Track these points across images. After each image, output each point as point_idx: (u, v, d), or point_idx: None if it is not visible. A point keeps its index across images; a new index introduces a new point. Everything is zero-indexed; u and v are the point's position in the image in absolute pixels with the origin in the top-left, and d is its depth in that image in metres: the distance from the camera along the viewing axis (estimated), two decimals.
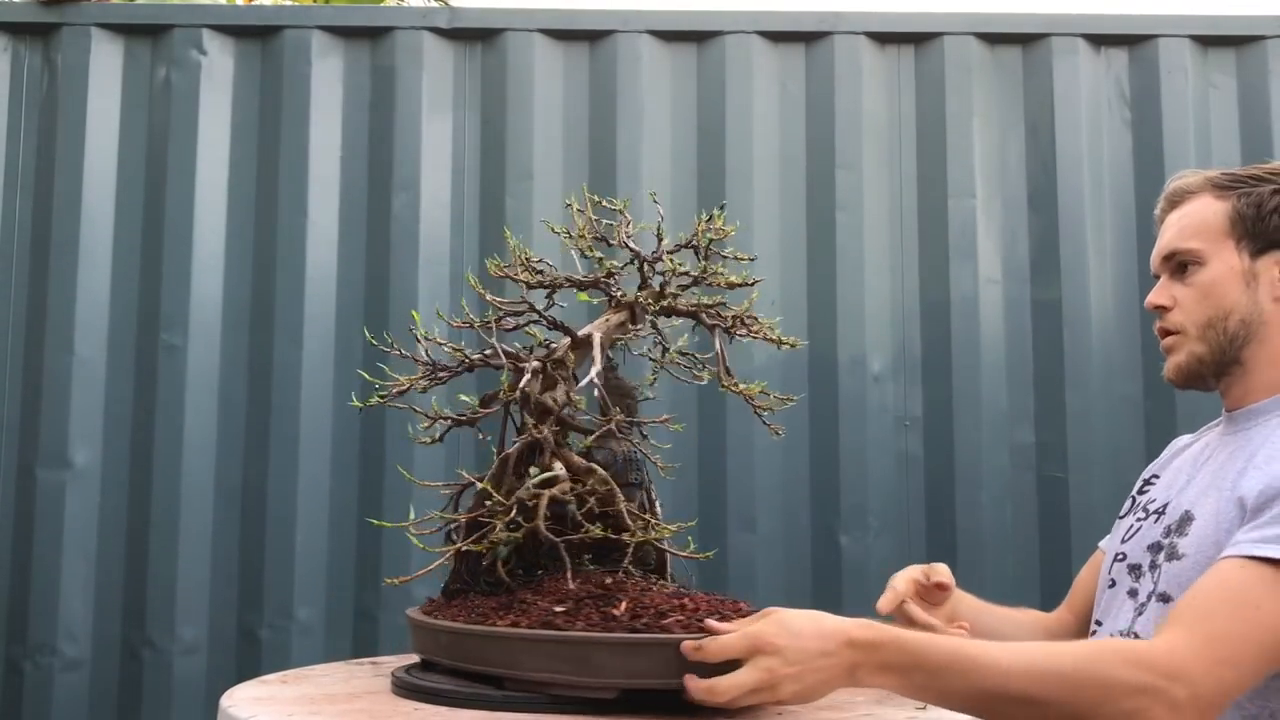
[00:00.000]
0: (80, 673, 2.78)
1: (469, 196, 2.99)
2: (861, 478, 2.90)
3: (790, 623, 1.21)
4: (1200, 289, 1.52)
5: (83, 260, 2.89)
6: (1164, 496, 1.58)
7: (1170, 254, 1.55)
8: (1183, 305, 1.54)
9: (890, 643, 1.22)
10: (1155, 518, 1.55)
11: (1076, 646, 1.28)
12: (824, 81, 3.04)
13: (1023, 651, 1.26)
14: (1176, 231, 1.56)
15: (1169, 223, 1.59)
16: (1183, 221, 1.56)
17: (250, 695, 1.40)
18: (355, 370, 2.91)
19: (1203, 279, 1.52)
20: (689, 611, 1.29)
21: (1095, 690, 1.21)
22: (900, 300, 2.98)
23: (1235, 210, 1.53)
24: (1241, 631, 1.25)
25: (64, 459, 2.83)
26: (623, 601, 1.31)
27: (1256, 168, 1.56)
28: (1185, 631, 1.25)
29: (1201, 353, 1.52)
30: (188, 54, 2.98)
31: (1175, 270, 1.55)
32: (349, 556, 2.84)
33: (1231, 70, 3.08)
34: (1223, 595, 1.28)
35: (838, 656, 1.20)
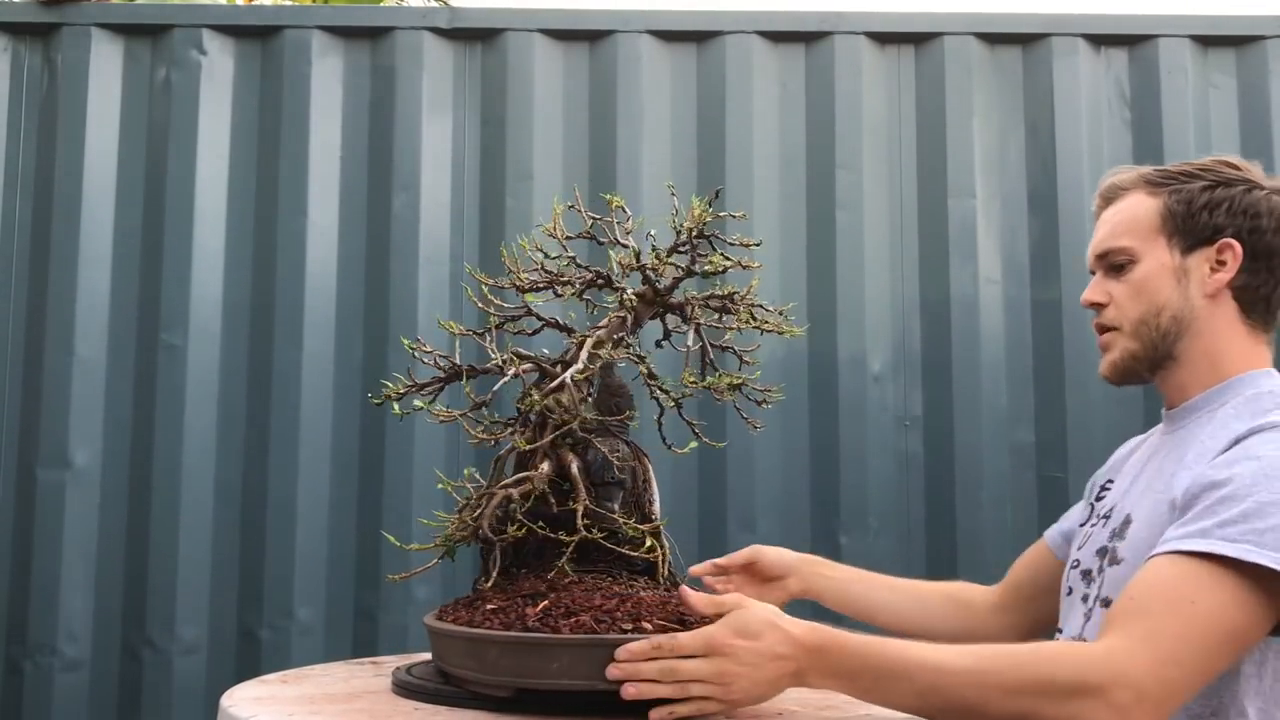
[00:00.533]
0: (80, 673, 2.78)
1: (469, 196, 2.99)
2: (861, 478, 2.90)
3: (745, 625, 1.22)
4: (1133, 286, 1.55)
5: (83, 260, 2.89)
6: (1114, 500, 1.60)
7: (1104, 252, 1.57)
8: (1117, 302, 1.56)
9: (837, 648, 1.24)
10: (1104, 522, 1.57)
11: (1018, 649, 1.29)
12: (824, 81, 3.04)
13: (966, 654, 1.26)
14: (1110, 229, 1.58)
15: (1103, 219, 1.61)
16: (1116, 219, 1.58)
17: (250, 695, 1.40)
18: (355, 369, 2.91)
19: (1136, 276, 1.55)
20: (605, 612, 1.29)
21: (1036, 689, 1.22)
22: (900, 300, 2.98)
23: (1166, 207, 1.55)
24: (1179, 628, 1.25)
25: (64, 459, 2.83)
26: (542, 601, 1.32)
27: (1189, 164, 1.58)
28: (1122, 632, 1.25)
29: (1135, 349, 1.55)
30: (188, 54, 2.98)
31: (1109, 268, 1.58)
32: (349, 556, 2.84)
33: (1231, 70, 3.08)
34: (1156, 593, 1.28)
35: (788, 660, 1.22)
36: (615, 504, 1.43)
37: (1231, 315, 1.53)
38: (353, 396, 2.89)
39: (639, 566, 1.41)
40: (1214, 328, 1.52)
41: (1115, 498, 1.60)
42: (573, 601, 1.31)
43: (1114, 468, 1.69)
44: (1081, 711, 1.20)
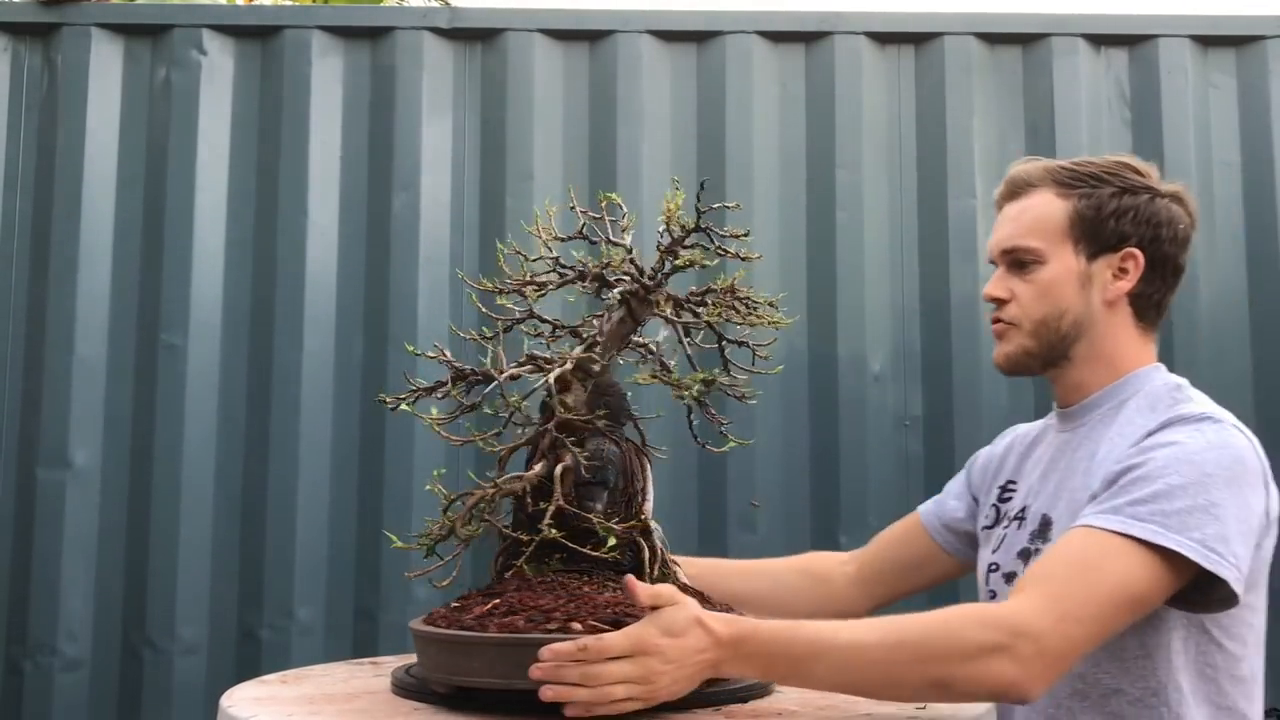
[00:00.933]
0: (80, 673, 2.78)
1: (469, 196, 2.99)
2: (861, 477, 2.90)
3: (671, 624, 1.23)
4: (1039, 288, 1.59)
5: (83, 260, 2.89)
6: (1022, 501, 1.64)
7: (1011, 249, 1.61)
8: (1020, 300, 1.60)
9: (751, 637, 1.27)
10: (1018, 524, 1.62)
11: (928, 615, 1.33)
12: (824, 81, 3.04)
13: (876, 625, 1.31)
14: (1017, 227, 1.61)
15: (1008, 213, 1.64)
16: (1023, 216, 1.61)
17: (250, 695, 1.40)
18: (355, 369, 2.91)
19: (1041, 278, 1.59)
20: (541, 611, 1.29)
21: (946, 653, 1.27)
22: (900, 300, 2.98)
23: (1076, 211, 1.58)
24: (1083, 591, 1.32)
25: (64, 459, 2.83)
26: (490, 602, 1.33)
27: (1098, 164, 1.61)
28: (1031, 592, 1.32)
29: (1031, 347, 1.60)
30: (188, 54, 2.98)
31: (1014, 264, 1.61)
32: (349, 556, 2.84)
33: (1231, 70, 3.08)
34: (1066, 559, 1.36)
35: (709, 653, 1.24)
36: (597, 504, 1.43)
37: (1126, 319, 1.59)
38: (353, 396, 2.89)
39: (625, 566, 1.41)
40: (1110, 332, 1.59)
41: (1024, 499, 1.64)
42: (519, 601, 1.32)
43: (1014, 467, 1.72)
44: (989, 667, 1.26)
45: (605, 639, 1.21)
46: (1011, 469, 1.73)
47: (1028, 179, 1.63)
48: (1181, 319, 2.93)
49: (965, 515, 1.79)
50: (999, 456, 1.78)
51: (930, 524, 1.82)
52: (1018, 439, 1.78)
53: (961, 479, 1.84)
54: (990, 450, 1.82)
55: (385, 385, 2.87)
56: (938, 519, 1.82)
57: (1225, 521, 1.36)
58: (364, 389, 2.89)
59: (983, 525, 1.73)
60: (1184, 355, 2.92)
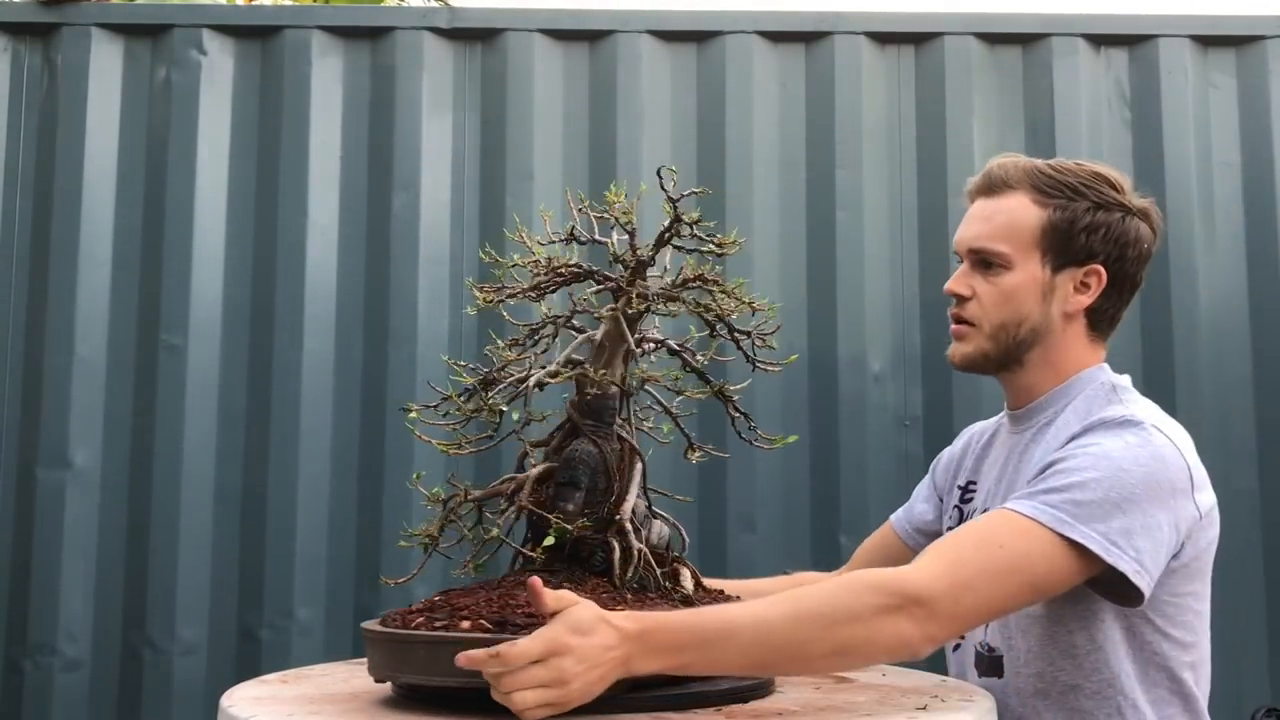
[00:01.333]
0: (80, 673, 2.78)
1: (469, 196, 2.99)
2: (861, 478, 2.90)
3: (579, 622, 1.22)
4: (1002, 292, 1.61)
5: (83, 260, 2.89)
6: (982, 504, 1.69)
7: (978, 249, 1.62)
8: (981, 300, 1.63)
9: (656, 628, 1.26)
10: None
11: (829, 585, 1.36)
12: (824, 81, 3.04)
13: (779, 601, 1.33)
14: (988, 228, 1.62)
15: (981, 210, 1.64)
16: (996, 219, 1.61)
17: (250, 695, 1.40)
18: (355, 369, 2.91)
19: (1006, 283, 1.61)
20: (451, 611, 1.32)
21: (847, 619, 1.30)
22: (900, 300, 2.98)
23: (1049, 222, 1.59)
24: (980, 561, 1.37)
25: (64, 459, 2.83)
26: (433, 599, 1.38)
27: (1077, 175, 1.61)
28: (930, 558, 1.38)
29: (988, 349, 1.65)
30: (188, 54, 2.98)
31: (979, 263, 1.63)
32: (349, 556, 2.84)
33: (1231, 70, 3.08)
34: (974, 534, 1.42)
35: (616, 649, 1.23)
36: (569, 504, 1.43)
37: (1080, 330, 1.64)
38: (353, 396, 2.89)
39: (598, 567, 1.41)
40: (1063, 341, 1.63)
41: (982, 501, 1.69)
42: (446, 600, 1.36)
43: (972, 468, 1.77)
44: (885, 625, 1.30)
45: (518, 644, 1.19)
46: (970, 469, 1.77)
47: (1006, 178, 1.64)
48: (1181, 319, 2.93)
49: (934, 517, 1.84)
50: (958, 456, 1.83)
51: (902, 529, 1.88)
52: (974, 437, 1.82)
53: (927, 481, 1.89)
54: (950, 450, 1.87)
55: (385, 385, 2.87)
56: (908, 524, 1.87)
57: (1132, 517, 1.40)
58: (364, 389, 2.89)
59: (947, 526, 1.76)
60: (1184, 355, 2.92)
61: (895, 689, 1.46)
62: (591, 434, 1.45)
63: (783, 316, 2.84)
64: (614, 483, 1.44)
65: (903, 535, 1.87)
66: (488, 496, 1.48)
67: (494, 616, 1.28)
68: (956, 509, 1.75)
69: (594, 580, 1.40)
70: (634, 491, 1.43)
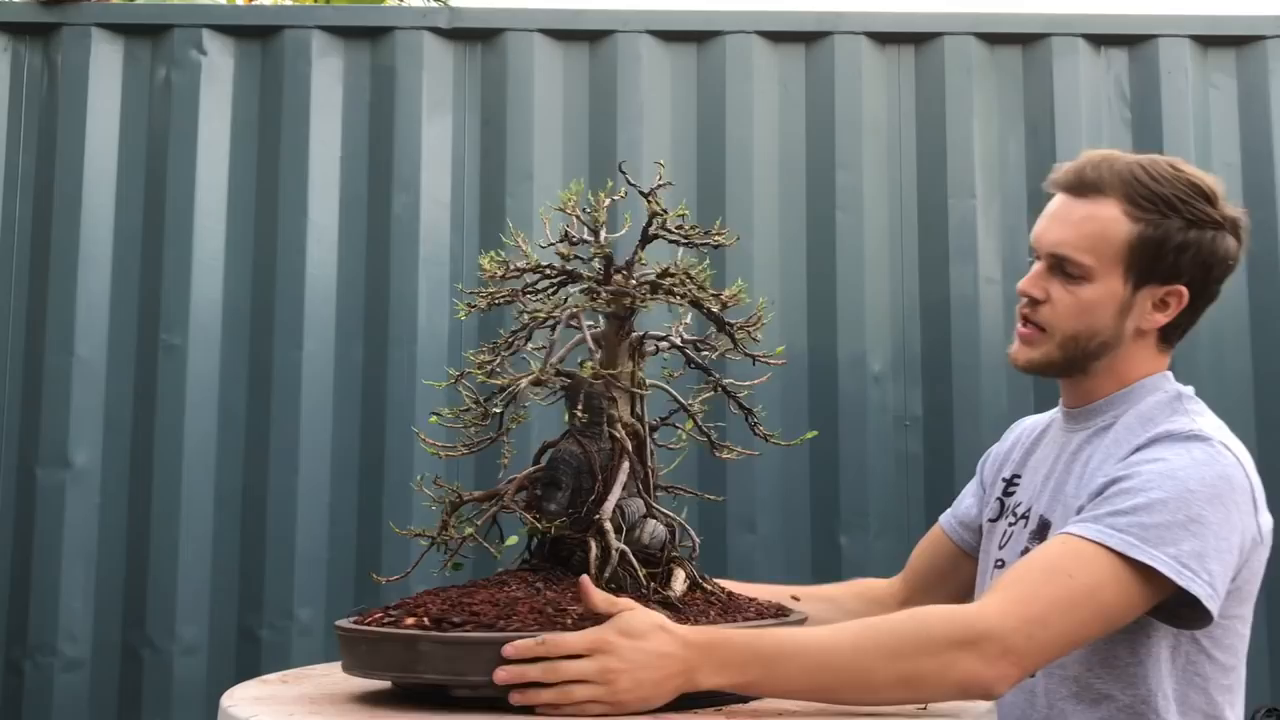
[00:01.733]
0: (80, 673, 2.78)
1: (469, 196, 2.99)
2: (861, 478, 2.90)
3: (630, 625, 1.23)
4: (1080, 304, 1.54)
5: (83, 260, 2.89)
6: (1027, 500, 1.64)
7: (1061, 256, 1.54)
8: (1056, 307, 1.55)
9: (725, 642, 1.26)
10: (1023, 523, 1.62)
11: (897, 614, 1.35)
12: (824, 81, 3.04)
13: (846, 627, 1.32)
14: (1074, 235, 1.53)
15: (1068, 213, 1.56)
16: (1083, 226, 1.53)
17: (250, 695, 1.40)
18: (355, 370, 2.91)
19: (1085, 295, 1.53)
20: (408, 610, 1.33)
21: (914, 649, 1.28)
22: (900, 300, 2.98)
23: (1139, 238, 1.51)
24: (1051, 594, 1.33)
25: (64, 459, 2.83)
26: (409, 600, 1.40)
27: (1173, 186, 1.54)
28: (1000, 593, 1.34)
29: (1056, 358, 1.58)
30: (188, 54, 2.98)
31: (1057, 268, 1.55)
32: (349, 556, 2.84)
33: (1231, 70, 3.08)
34: (1041, 564, 1.37)
35: (675, 659, 1.23)
36: (552, 504, 1.43)
37: (1150, 342, 1.58)
38: (353, 397, 2.89)
39: (578, 568, 1.42)
40: (1131, 353, 1.57)
41: (1026, 497, 1.64)
42: (416, 600, 1.38)
43: (1019, 461, 1.72)
44: (955, 662, 1.27)
45: (564, 637, 1.21)
46: (1016, 462, 1.72)
47: (1099, 182, 1.55)
48: None
49: (978, 512, 1.79)
50: (1006, 451, 1.78)
51: (948, 526, 1.82)
52: (1024, 432, 1.77)
53: (975, 480, 1.84)
54: (998, 446, 1.82)
55: (385, 385, 2.87)
56: (955, 519, 1.82)
57: (1204, 539, 1.36)
58: (364, 389, 2.89)
59: (987, 518, 1.72)
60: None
61: None
62: (579, 433, 1.45)
63: (783, 316, 2.86)
64: (597, 482, 1.44)
65: (949, 532, 1.82)
66: (486, 498, 1.48)
67: (436, 615, 1.30)
68: (998, 500, 1.71)
69: (570, 580, 1.40)
70: (617, 491, 1.41)
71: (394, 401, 2.85)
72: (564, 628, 1.25)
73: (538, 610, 1.29)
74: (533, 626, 1.25)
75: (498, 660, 1.21)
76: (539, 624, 1.25)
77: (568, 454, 1.44)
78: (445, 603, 1.34)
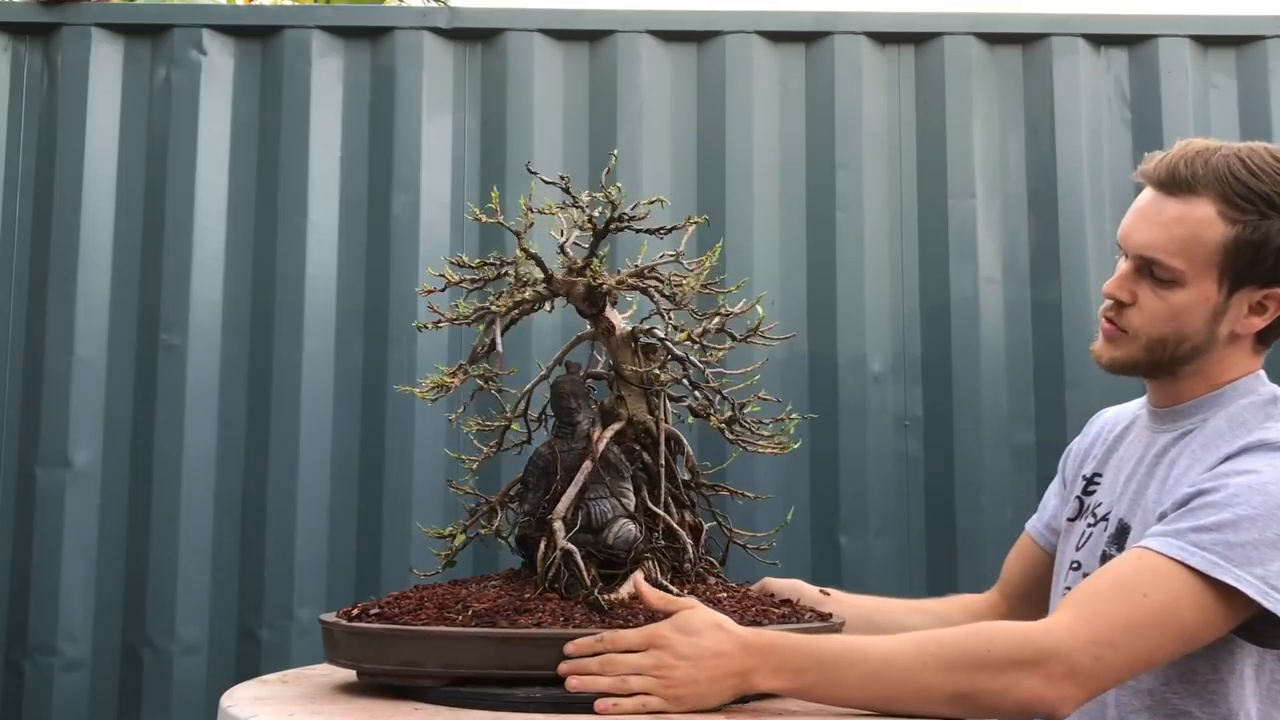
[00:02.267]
0: (80, 673, 2.78)
1: (469, 196, 2.99)
2: (861, 478, 2.90)
3: (687, 622, 1.24)
4: (1170, 309, 1.44)
5: (83, 260, 2.89)
6: (1107, 501, 1.57)
7: (1150, 260, 1.44)
8: (1143, 310, 1.46)
9: (784, 645, 1.25)
10: (1103, 525, 1.56)
11: (959, 629, 1.31)
12: (824, 81, 3.04)
13: (907, 638, 1.29)
14: (1164, 237, 1.43)
15: (1160, 213, 1.45)
16: (1175, 228, 1.42)
17: (250, 695, 1.40)
18: (355, 370, 2.91)
19: (1176, 300, 1.44)
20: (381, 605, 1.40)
21: (975, 663, 1.25)
22: (900, 301, 2.98)
23: (1236, 242, 1.40)
24: (1123, 614, 1.27)
25: (64, 459, 2.83)
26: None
27: (1275, 180, 1.41)
28: (1069, 612, 1.29)
29: (1140, 359, 1.49)
30: (188, 54, 2.98)
31: (1145, 269, 1.46)
32: (349, 556, 2.84)
33: (1231, 70, 3.08)
34: (1114, 581, 1.32)
35: (731, 658, 1.23)
36: (524, 505, 1.46)
37: (1245, 347, 1.49)
38: (353, 397, 2.89)
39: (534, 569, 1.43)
40: (1223, 356, 1.48)
41: (1107, 498, 1.57)
42: (394, 599, 1.42)
43: (1100, 458, 1.64)
44: (1017, 682, 1.24)
45: (621, 633, 1.24)
46: (1098, 460, 1.64)
47: (1193, 179, 1.42)
48: None
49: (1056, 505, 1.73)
50: (1087, 447, 1.70)
51: (1035, 531, 1.75)
52: (1105, 426, 1.69)
53: (1057, 479, 1.77)
54: (1079, 442, 1.74)
55: (385, 385, 2.87)
56: (1041, 523, 1.75)
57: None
58: (364, 389, 2.89)
59: (1066, 516, 1.65)
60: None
61: None
62: (554, 435, 1.47)
63: (782, 316, 2.85)
64: (560, 482, 1.44)
65: (1036, 537, 1.74)
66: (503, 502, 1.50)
67: (388, 610, 1.37)
68: (1078, 499, 1.63)
69: (528, 577, 1.42)
70: (572, 491, 1.40)
71: (394, 402, 2.85)
72: (452, 622, 1.30)
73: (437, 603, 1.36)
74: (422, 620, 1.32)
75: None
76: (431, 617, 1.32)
77: (537, 456, 1.46)
78: (411, 602, 1.40)
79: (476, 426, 1.55)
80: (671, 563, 1.45)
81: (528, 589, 1.38)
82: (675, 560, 1.46)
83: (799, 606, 1.48)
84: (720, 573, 1.54)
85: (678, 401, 1.54)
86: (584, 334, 1.53)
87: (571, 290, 1.46)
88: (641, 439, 1.48)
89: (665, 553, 1.45)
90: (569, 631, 1.27)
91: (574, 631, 1.27)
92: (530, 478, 1.46)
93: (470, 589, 1.41)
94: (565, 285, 1.46)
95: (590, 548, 1.39)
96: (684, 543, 1.46)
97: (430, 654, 1.29)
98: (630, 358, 1.47)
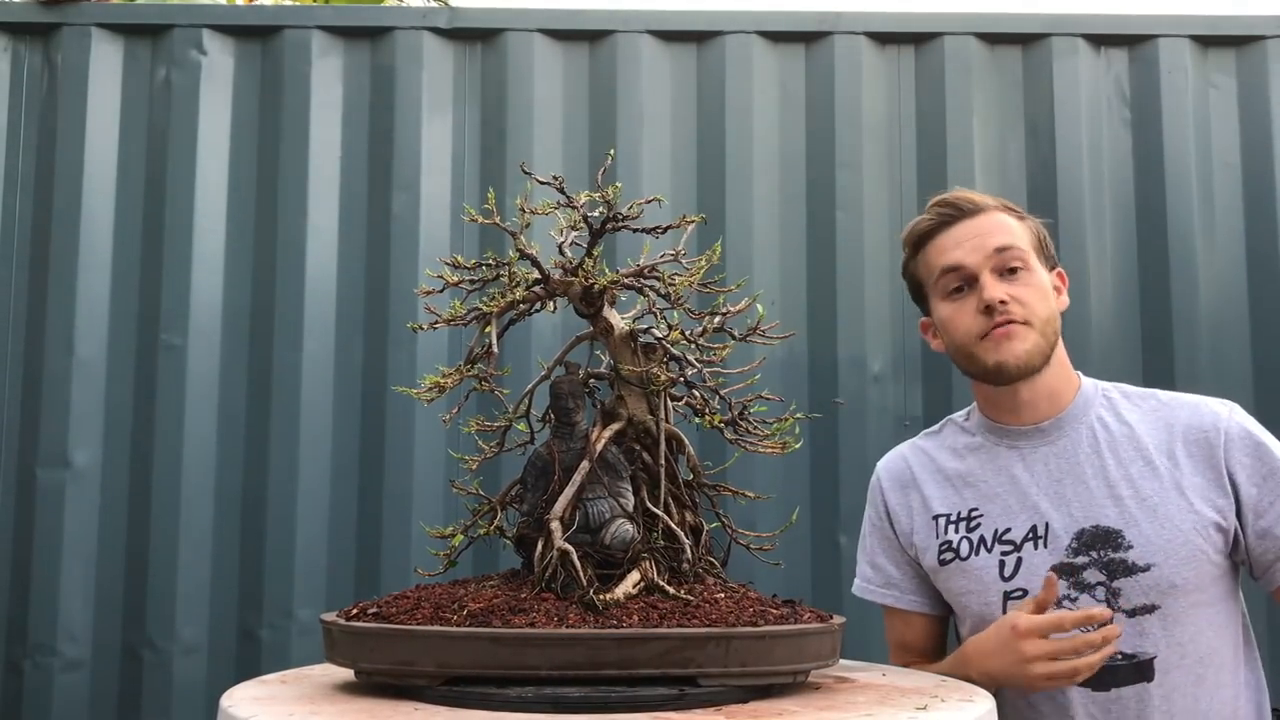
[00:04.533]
0: (80, 673, 2.78)
1: (469, 196, 2.99)
2: (861, 478, 2.89)
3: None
4: (1038, 289, 1.66)
5: (83, 260, 2.89)
6: (1026, 521, 1.66)
7: (1005, 246, 1.66)
8: (1023, 300, 1.65)
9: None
10: (1035, 543, 1.63)
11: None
12: (824, 81, 3.04)
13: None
14: (1000, 233, 1.67)
15: (976, 226, 1.67)
16: (997, 229, 1.66)
17: (250, 695, 1.40)
18: (355, 370, 2.91)
19: (1038, 281, 1.66)
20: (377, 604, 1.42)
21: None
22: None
23: (1033, 231, 1.71)
24: None
25: (64, 459, 2.83)
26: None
27: (1007, 201, 1.76)
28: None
29: (1043, 346, 1.67)
30: (188, 54, 2.98)
31: (1004, 270, 1.66)
32: (349, 556, 2.84)
33: (1231, 70, 3.08)
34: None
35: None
36: (523, 505, 1.47)
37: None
38: (353, 397, 2.89)
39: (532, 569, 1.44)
40: (1060, 341, 1.73)
41: (1027, 518, 1.66)
42: (387, 600, 1.43)
43: (945, 498, 1.77)
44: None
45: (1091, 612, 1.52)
46: (945, 500, 1.76)
47: (980, 204, 1.70)
48: (1181, 319, 2.93)
49: (908, 573, 1.83)
50: (902, 499, 1.85)
51: (909, 605, 1.85)
52: (900, 473, 1.88)
53: (874, 546, 1.87)
54: (889, 499, 1.88)
55: (385, 386, 2.87)
56: (901, 592, 1.85)
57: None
58: (364, 389, 2.89)
59: (944, 560, 1.74)
60: (1184, 355, 2.92)
61: (895, 689, 1.46)
62: (553, 435, 1.47)
63: (782, 316, 2.85)
64: (557, 484, 1.43)
65: (910, 608, 1.84)
66: (504, 502, 1.50)
67: (386, 610, 1.38)
68: (965, 539, 1.72)
69: (525, 578, 1.43)
70: (569, 491, 1.41)
71: (394, 402, 2.85)
72: (447, 622, 1.30)
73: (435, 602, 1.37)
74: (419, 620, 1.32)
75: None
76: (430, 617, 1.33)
77: (536, 457, 1.47)
78: (407, 601, 1.41)
79: (477, 427, 1.55)
80: (670, 563, 1.45)
81: (524, 589, 1.38)
82: (673, 560, 1.45)
83: (799, 607, 1.48)
84: (720, 573, 1.53)
85: (678, 401, 1.53)
86: (583, 334, 1.53)
87: (569, 290, 1.46)
88: (642, 439, 1.48)
89: (663, 553, 1.45)
90: (561, 632, 1.27)
91: (567, 632, 1.26)
92: (529, 478, 1.46)
93: (468, 589, 1.42)
94: (563, 285, 1.46)
95: (588, 548, 1.39)
96: (683, 543, 1.46)
97: (424, 653, 1.29)
98: (629, 357, 1.47)
